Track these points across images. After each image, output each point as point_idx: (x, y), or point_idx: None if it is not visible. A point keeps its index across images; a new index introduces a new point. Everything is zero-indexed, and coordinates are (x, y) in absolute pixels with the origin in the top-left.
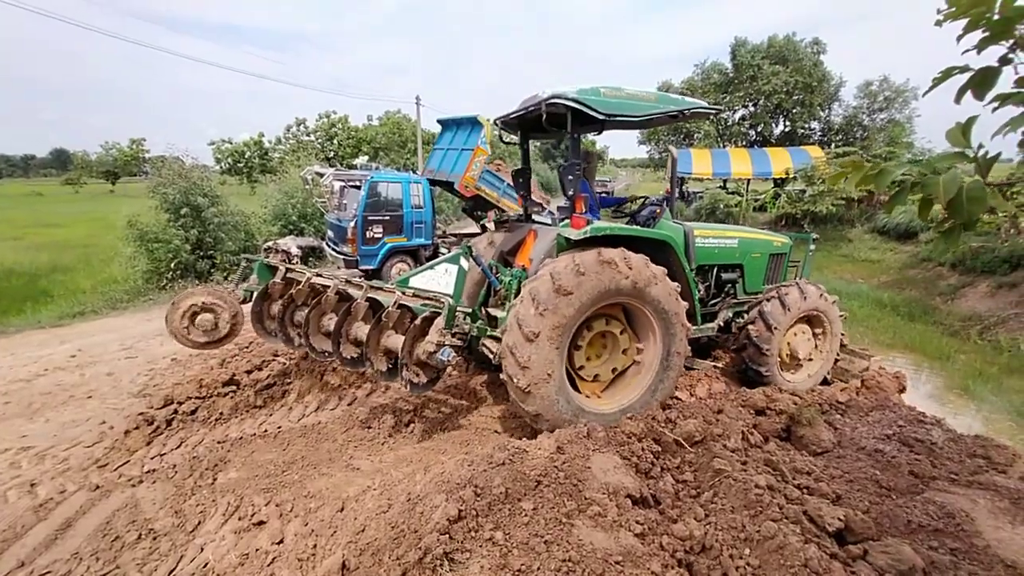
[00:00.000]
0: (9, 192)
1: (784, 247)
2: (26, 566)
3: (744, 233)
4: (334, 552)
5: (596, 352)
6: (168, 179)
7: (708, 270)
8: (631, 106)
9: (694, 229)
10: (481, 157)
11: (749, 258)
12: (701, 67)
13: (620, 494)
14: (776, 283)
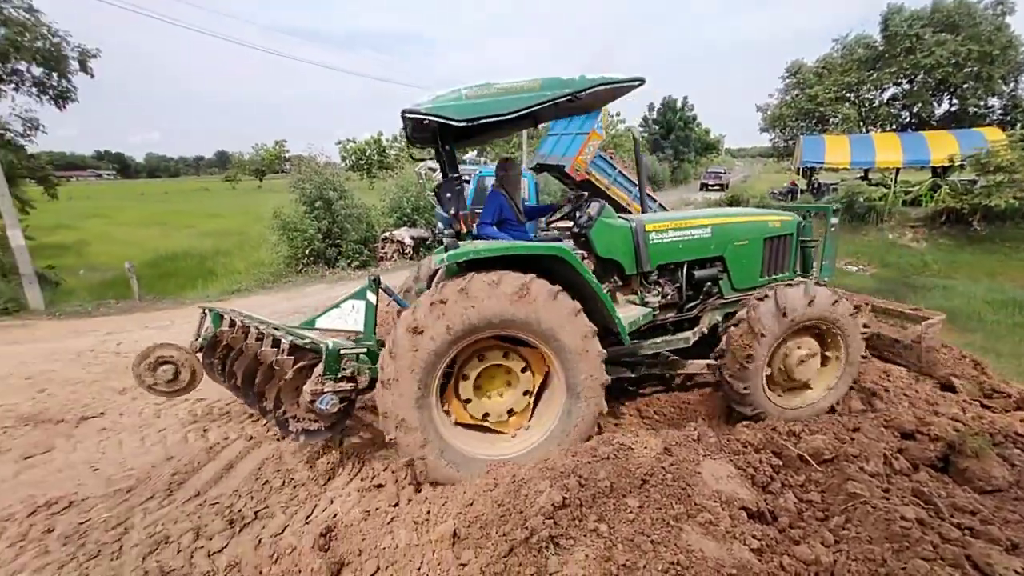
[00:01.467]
0: (184, 188)
1: (787, 227)
2: (200, 495)
3: (721, 218)
4: (445, 520)
5: (499, 387)
6: (306, 175)
7: (675, 268)
8: (504, 103)
9: (646, 223)
10: (595, 141)
11: (731, 248)
12: (842, 42)
13: (734, 504)
14: (785, 272)
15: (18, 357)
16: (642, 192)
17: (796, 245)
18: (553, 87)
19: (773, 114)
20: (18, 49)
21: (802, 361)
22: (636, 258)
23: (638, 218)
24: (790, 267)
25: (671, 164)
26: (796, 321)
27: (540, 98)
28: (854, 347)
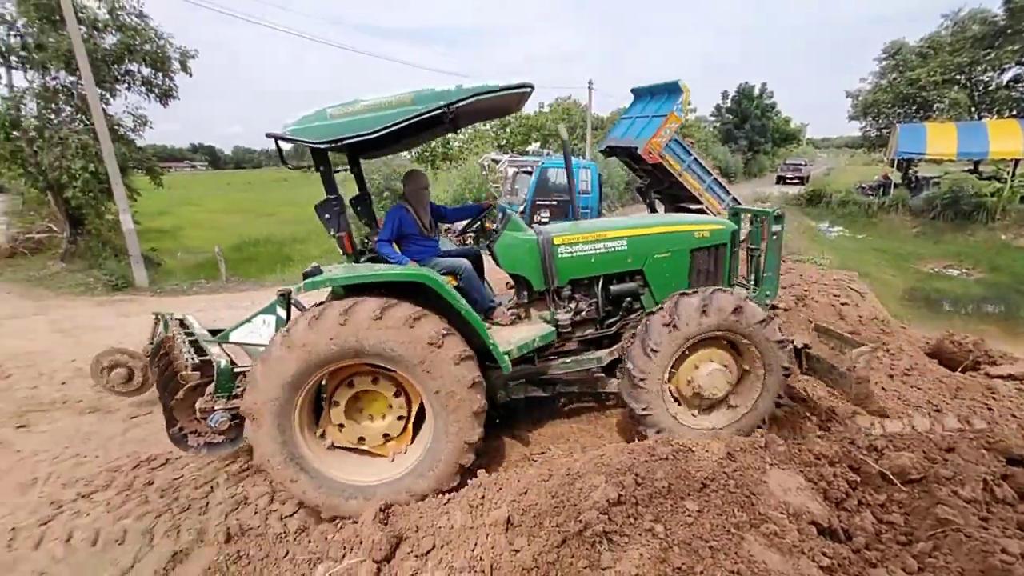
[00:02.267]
0: (266, 178)
1: (718, 236)
2: None
3: (640, 229)
4: (499, 507)
5: (382, 411)
6: (375, 167)
7: (590, 283)
8: (371, 121)
9: (554, 236)
10: (673, 124)
11: (652, 260)
12: (953, 17)
13: (803, 518)
14: (716, 284)
15: (129, 327)
16: (572, 195)
17: (730, 256)
18: (426, 100)
19: (865, 100)
20: (131, 52)
21: (709, 375)
22: (544, 273)
23: (547, 230)
24: (724, 279)
25: (744, 156)
26: (691, 335)
27: (411, 113)
28: (771, 358)
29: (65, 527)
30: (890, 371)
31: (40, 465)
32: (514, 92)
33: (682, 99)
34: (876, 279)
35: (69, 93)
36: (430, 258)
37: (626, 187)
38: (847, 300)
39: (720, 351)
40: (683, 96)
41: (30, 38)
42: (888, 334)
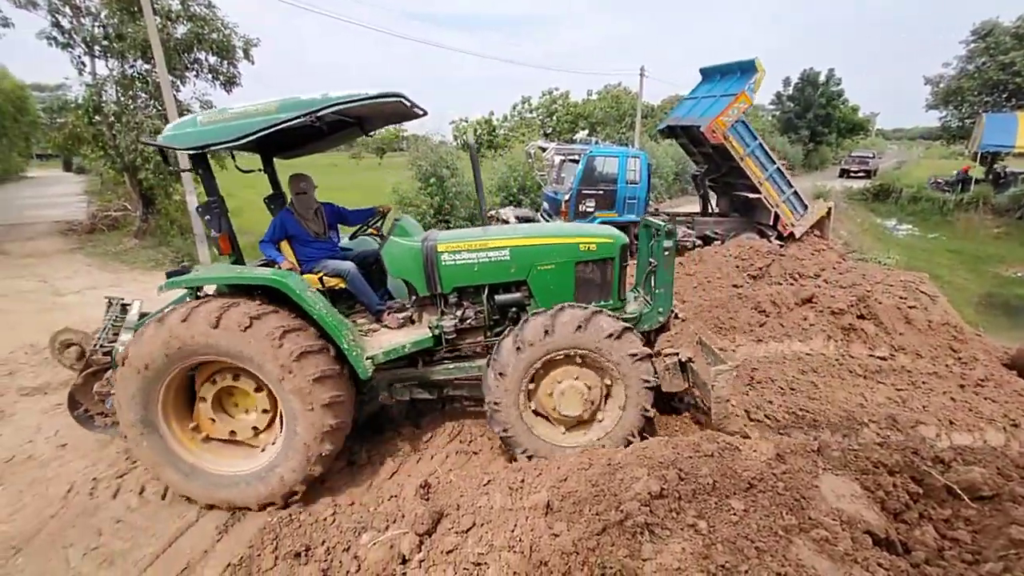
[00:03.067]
0: (316, 164)
1: (606, 249)
2: None
3: (524, 239)
4: (539, 491)
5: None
6: (422, 154)
7: (476, 291)
8: (236, 128)
9: (438, 244)
10: (742, 104)
11: (535, 271)
12: None
13: (857, 526)
14: (607, 299)
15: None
16: (480, 196)
17: (619, 270)
18: (290, 108)
19: (948, 87)
20: (200, 41)
21: (562, 394)
22: (427, 279)
23: (434, 237)
24: (612, 294)
25: (805, 147)
26: (537, 356)
27: (274, 121)
28: (627, 371)
29: (138, 480)
30: (961, 381)
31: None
32: (388, 101)
33: (756, 79)
34: (949, 282)
35: (144, 80)
36: (320, 260)
37: (675, 178)
38: (915, 303)
39: (578, 368)
40: (757, 76)
41: (111, 29)
42: (961, 341)
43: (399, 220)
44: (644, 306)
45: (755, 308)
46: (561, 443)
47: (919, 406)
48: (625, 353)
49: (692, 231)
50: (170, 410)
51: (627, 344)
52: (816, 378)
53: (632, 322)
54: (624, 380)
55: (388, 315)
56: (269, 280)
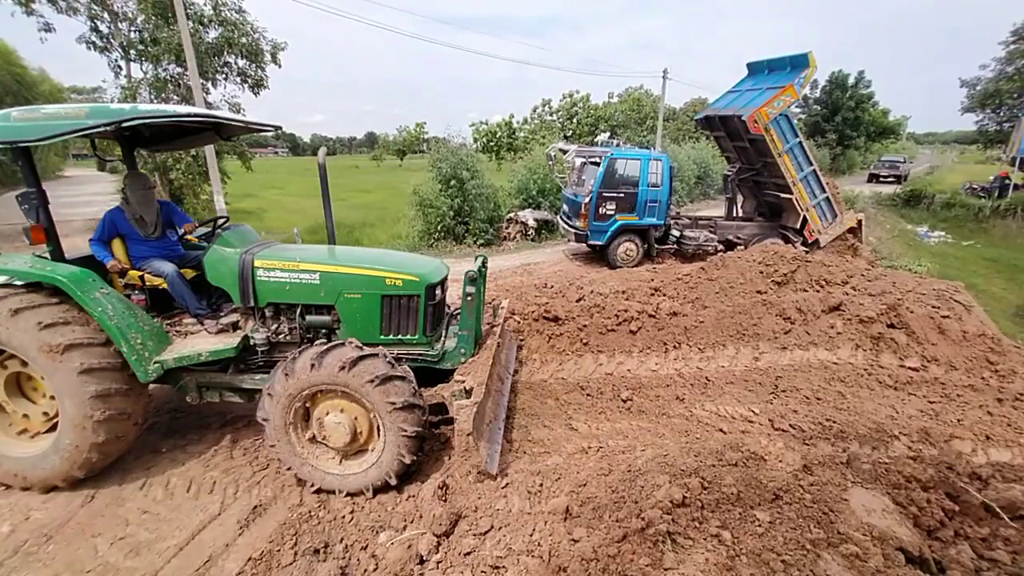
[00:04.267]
0: (339, 165)
1: (410, 287)
2: None
3: (334, 266)
4: (558, 496)
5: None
6: (443, 156)
7: (290, 309)
8: (43, 128)
9: (255, 258)
10: (788, 97)
11: (343, 298)
12: None
13: (888, 543)
14: (412, 334)
15: None
16: (329, 219)
17: (424, 308)
18: (97, 115)
19: (986, 90)
20: (230, 45)
21: (327, 425)
22: (242, 291)
23: (255, 251)
24: (418, 329)
25: (832, 151)
26: (302, 387)
27: (80, 125)
28: (386, 420)
29: (165, 473)
30: (998, 394)
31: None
32: (192, 121)
33: (807, 73)
34: (984, 292)
35: (176, 83)
36: (149, 259)
37: (697, 182)
38: (949, 313)
39: (347, 401)
40: (808, 71)
41: (147, 33)
42: (998, 353)
43: (229, 228)
44: (455, 345)
45: (780, 315)
46: (334, 470)
47: (953, 420)
48: (384, 401)
49: (714, 235)
50: None
51: (389, 392)
52: (843, 388)
53: (434, 359)
54: (384, 424)
55: (207, 320)
56: (43, 276)
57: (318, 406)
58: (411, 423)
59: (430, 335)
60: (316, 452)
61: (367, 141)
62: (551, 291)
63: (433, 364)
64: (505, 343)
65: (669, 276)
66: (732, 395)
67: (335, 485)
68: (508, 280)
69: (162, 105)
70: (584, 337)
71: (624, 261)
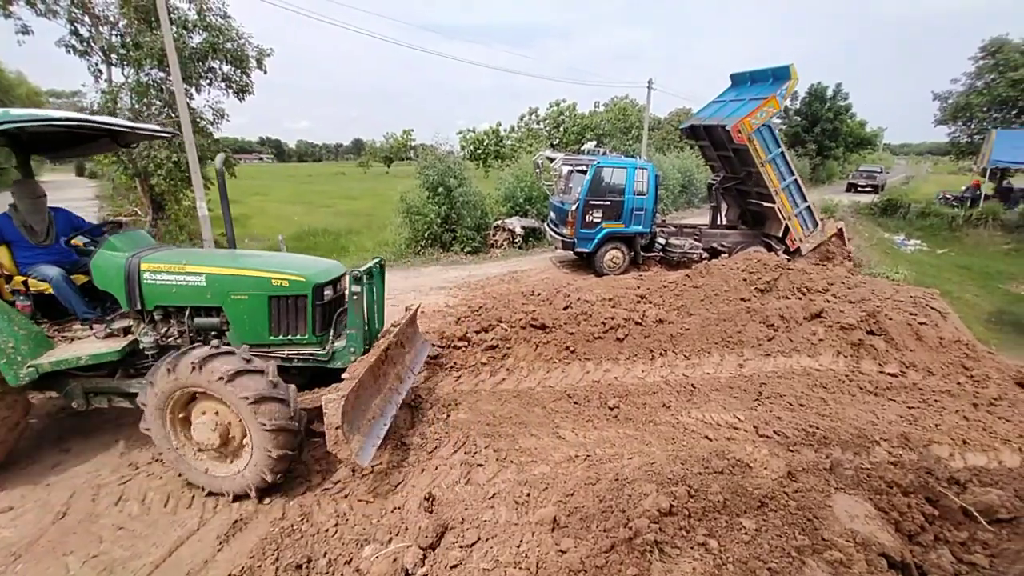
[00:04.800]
0: (325, 172)
1: (297, 287)
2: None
3: (220, 268)
4: (545, 506)
5: None
6: (430, 163)
7: (179, 312)
8: None
9: (141, 262)
10: (771, 108)
11: (230, 300)
12: None
13: (871, 548)
14: (301, 334)
15: None
16: (228, 224)
17: (312, 308)
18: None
19: (957, 103)
20: (215, 50)
21: (195, 427)
22: (129, 295)
23: (142, 254)
24: (308, 329)
25: (812, 161)
26: (164, 390)
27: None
28: (246, 415)
29: (141, 488)
30: (974, 399)
31: (121, 428)
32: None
33: (788, 85)
34: (959, 299)
35: (159, 88)
36: (35, 265)
37: (682, 190)
38: (925, 319)
39: (218, 403)
40: (790, 83)
41: (129, 38)
42: (973, 359)
43: (118, 232)
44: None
45: (763, 322)
46: (214, 471)
47: (932, 424)
48: (238, 396)
49: (699, 243)
50: None
51: (241, 388)
52: (826, 394)
53: (324, 358)
54: (246, 421)
55: (96, 325)
56: None
57: (195, 408)
58: (270, 416)
59: (320, 335)
60: (198, 454)
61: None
62: (538, 299)
63: (324, 363)
64: (412, 343)
65: (655, 284)
66: (718, 402)
67: (215, 486)
68: (495, 288)
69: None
70: (571, 345)
71: (611, 269)
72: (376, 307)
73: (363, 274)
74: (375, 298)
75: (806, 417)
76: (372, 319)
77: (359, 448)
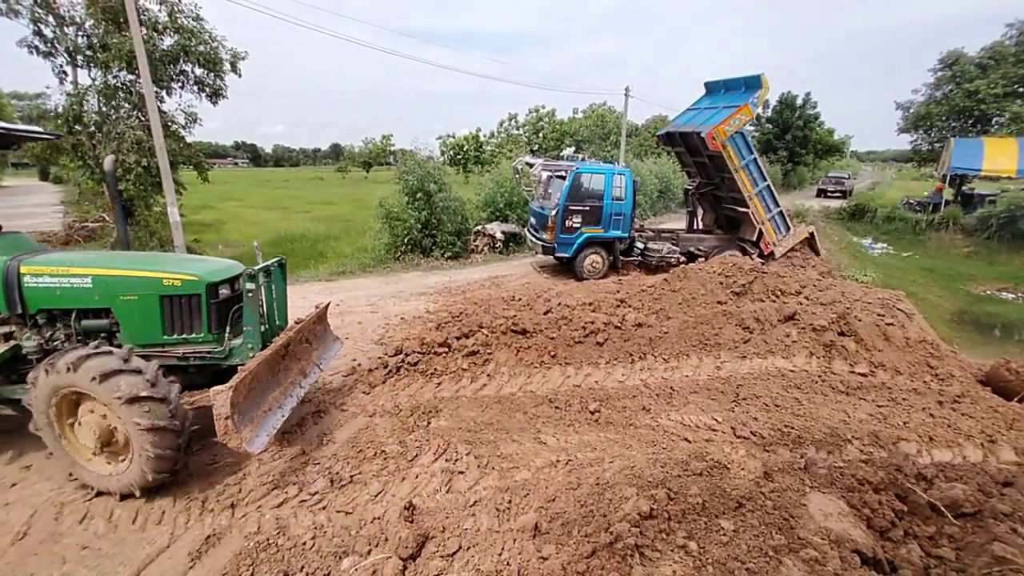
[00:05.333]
0: (302, 176)
1: (189, 286)
2: (305, 454)
3: (108, 268)
4: (527, 512)
5: None
6: (410, 168)
7: (64, 315)
8: None
9: (21, 265)
10: (744, 116)
11: (119, 301)
12: (1019, 27)
13: (845, 545)
14: (197, 332)
15: None
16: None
17: (206, 306)
18: None
19: (918, 112)
20: (187, 53)
21: (81, 425)
22: (7, 299)
23: (21, 257)
24: (203, 328)
25: (783, 167)
26: (46, 392)
27: None
28: (122, 415)
29: (108, 505)
30: (939, 397)
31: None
32: None
33: (760, 94)
34: (923, 300)
35: (128, 90)
36: None
37: (659, 196)
38: (892, 320)
39: (99, 403)
40: (761, 91)
41: (96, 39)
42: (937, 358)
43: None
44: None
45: (739, 325)
46: (102, 471)
47: (900, 422)
48: (112, 396)
49: (677, 248)
50: None
51: (115, 387)
52: (800, 394)
53: (222, 356)
54: (123, 421)
55: None
56: None
57: (83, 408)
58: (144, 416)
59: (216, 333)
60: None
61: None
62: (519, 304)
63: (222, 361)
64: (321, 340)
65: (634, 288)
66: (696, 404)
67: (103, 486)
68: (476, 293)
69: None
70: (552, 349)
71: (591, 273)
72: (277, 305)
73: (258, 272)
74: (275, 296)
75: (781, 417)
76: (272, 316)
77: (251, 437)
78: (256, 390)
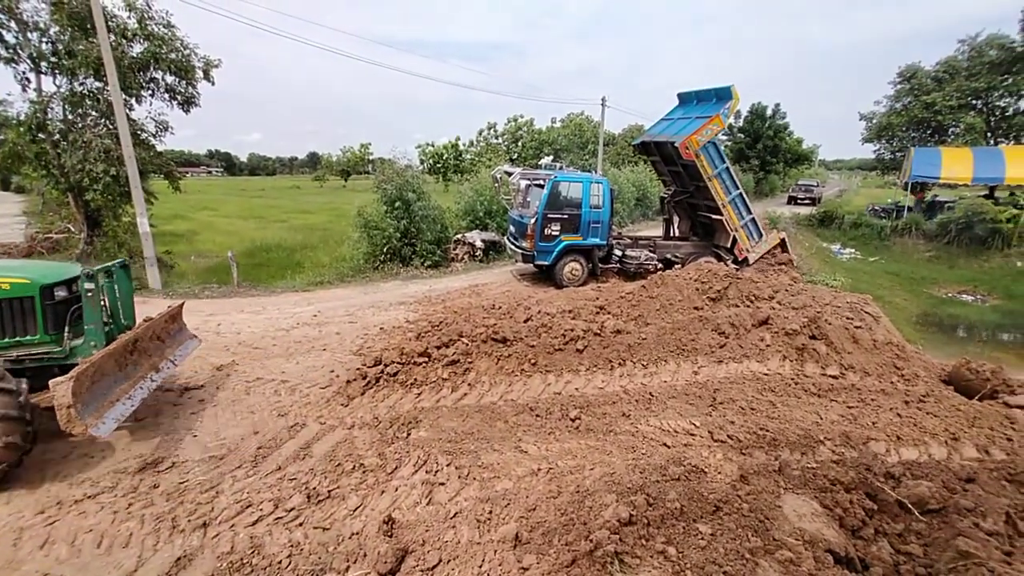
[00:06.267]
0: (279, 185)
1: (21, 289)
2: (281, 470)
3: None
4: (507, 523)
5: None
6: (388, 177)
7: None
8: None
9: None
10: (715, 126)
11: None
12: (970, 43)
13: (818, 545)
14: (32, 334)
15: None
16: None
17: (41, 308)
18: None
19: (880, 123)
20: (157, 60)
21: None
22: None
23: None
24: (39, 329)
25: (755, 175)
26: None
27: None
28: None
29: (71, 528)
30: (905, 397)
31: (48, 465)
32: None
33: (730, 105)
34: (889, 303)
35: (95, 98)
36: None
37: (636, 204)
38: (861, 323)
39: None
40: (732, 102)
41: (61, 45)
42: (903, 359)
43: None
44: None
45: (715, 330)
46: None
47: (869, 422)
48: None
49: (654, 255)
50: None
51: None
52: (774, 397)
53: (62, 356)
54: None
55: None
56: None
57: None
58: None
59: (54, 334)
60: None
61: (310, 161)
62: (499, 312)
63: (62, 361)
64: (174, 338)
65: (613, 295)
66: (674, 409)
67: None
68: (456, 302)
69: None
70: (532, 357)
71: (570, 280)
72: (122, 304)
73: (96, 272)
74: (119, 296)
75: (757, 420)
76: (117, 316)
77: (96, 423)
78: (101, 382)
